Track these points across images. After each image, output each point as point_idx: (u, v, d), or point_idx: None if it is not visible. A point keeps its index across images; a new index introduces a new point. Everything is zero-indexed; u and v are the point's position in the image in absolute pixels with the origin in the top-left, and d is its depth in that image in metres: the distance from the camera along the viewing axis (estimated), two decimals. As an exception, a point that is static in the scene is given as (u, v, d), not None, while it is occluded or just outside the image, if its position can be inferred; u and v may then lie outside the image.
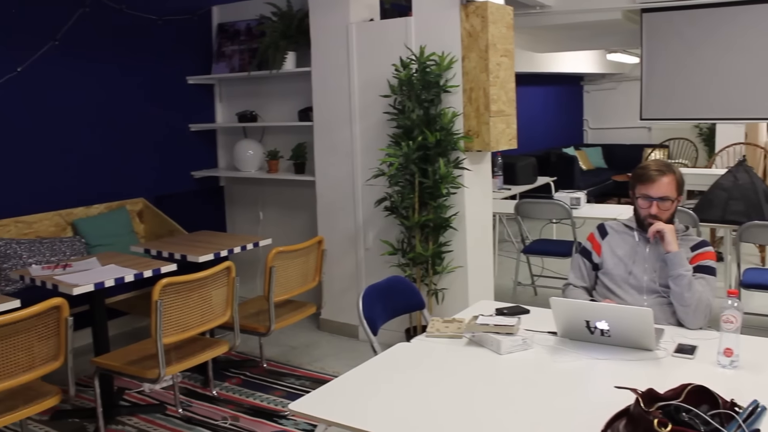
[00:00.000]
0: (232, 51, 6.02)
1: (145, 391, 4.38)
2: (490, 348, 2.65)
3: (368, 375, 2.47)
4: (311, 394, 2.33)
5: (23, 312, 2.86)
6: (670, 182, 3.02)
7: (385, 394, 2.29)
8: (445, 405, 2.20)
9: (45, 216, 5.00)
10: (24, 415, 3.01)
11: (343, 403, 2.26)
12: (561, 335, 2.72)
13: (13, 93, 4.86)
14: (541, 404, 2.18)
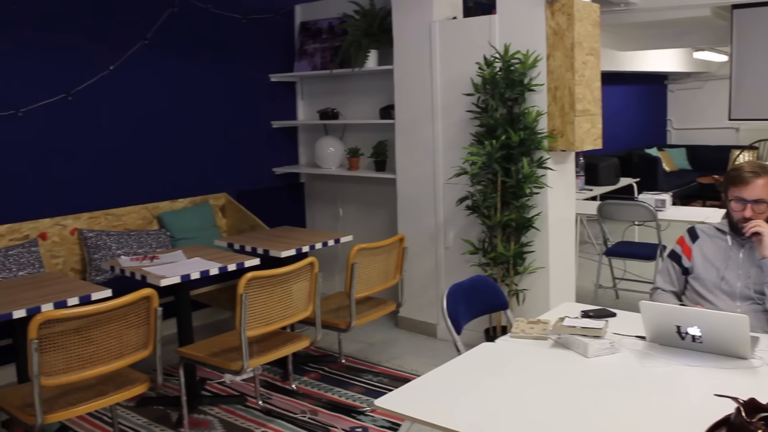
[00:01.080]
0: (314, 49, 6.07)
1: (226, 382, 4.46)
2: (577, 350, 2.60)
3: (453, 374, 2.46)
4: (397, 390, 2.33)
5: (116, 301, 2.94)
6: (765, 184, 2.91)
7: (471, 394, 2.28)
8: (533, 406, 2.17)
9: (133, 209, 5.15)
10: (114, 401, 3.10)
11: (429, 401, 2.25)
12: (650, 340, 2.65)
13: (105, 90, 5.01)
14: (632, 410, 2.13)
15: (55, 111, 4.76)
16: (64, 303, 3.27)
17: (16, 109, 4.59)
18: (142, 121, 5.24)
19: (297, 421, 3.90)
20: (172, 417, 4.01)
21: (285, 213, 6.20)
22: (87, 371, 2.93)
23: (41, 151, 4.72)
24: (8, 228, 4.52)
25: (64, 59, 4.79)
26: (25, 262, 4.36)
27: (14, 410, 2.99)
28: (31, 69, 4.64)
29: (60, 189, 4.82)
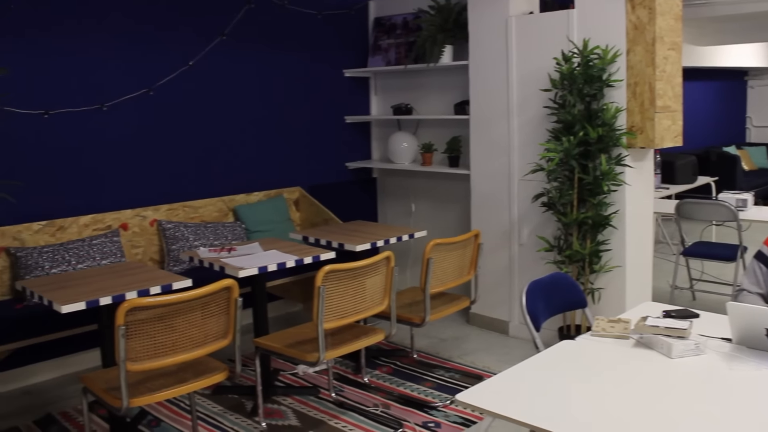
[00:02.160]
0: (388, 44, 6.08)
1: (299, 374, 4.51)
2: (660, 351, 2.55)
3: (533, 371, 2.44)
4: (478, 386, 2.32)
5: (199, 291, 3.00)
6: None
7: (553, 391, 2.25)
8: (615, 405, 2.14)
9: (209, 201, 5.25)
10: (195, 388, 3.16)
11: (510, 397, 2.23)
12: (737, 342, 2.58)
13: (185, 85, 5.12)
14: (719, 413, 2.08)
15: (137, 105, 4.89)
16: (147, 291, 3.35)
17: (102, 103, 4.73)
18: (219, 115, 5.34)
19: (369, 414, 3.93)
20: (246, 406, 4.08)
21: (357, 207, 6.24)
22: (170, 358, 3.01)
23: (123, 145, 4.85)
24: (92, 218, 4.67)
25: (147, 55, 4.91)
26: (108, 251, 4.49)
27: (101, 393, 3.08)
28: (116, 66, 4.78)
29: (141, 181, 4.95)
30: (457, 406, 3.99)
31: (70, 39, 4.56)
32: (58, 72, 4.53)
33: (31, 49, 4.42)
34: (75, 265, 4.31)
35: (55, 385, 4.51)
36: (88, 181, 4.70)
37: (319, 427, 3.79)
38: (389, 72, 6.17)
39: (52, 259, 4.26)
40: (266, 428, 3.79)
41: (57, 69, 4.53)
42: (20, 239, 4.38)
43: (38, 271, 4.20)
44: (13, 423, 3.99)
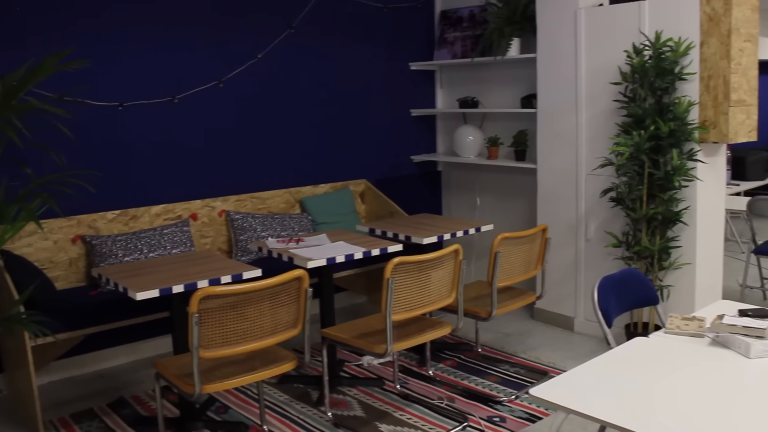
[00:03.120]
0: (454, 37, 6.06)
1: (363, 365, 4.54)
2: (737, 350, 2.49)
3: (606, 368, 2.41)
4: (551, 381, 2.30)
5: (271, 280, 3.04)
6: None
7: (627, 388, 2.22)
8: (690, 404, 2.10)
9: (276, 193, 5.31)
10: (265, 376, 3.21)
11: (584, 393, 2.21)
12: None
13: (253, 78, 5.19)
14: (804, 414, 2.03)
15: (207, 98, 4.97)
16: (218, 280, 3.41)
17: (173, 96, 4.82)
18: (286, 108, 5.39)
19: (434, 407, 3.93)
20: (312, 395, 4.13)
21: (422, 200, 6.25)
22: (241, 346, 3.06)
23: (193, 136, 4.94)
24: (163, 208, 4.77)
25: (217, 49, 4.99)
26: (178, 240, 4.58)
27: (173, 379, 3.15)
28: (187, 59, 4.86)
29: (210, 172, 5.03)
30: (522, 401, 3.97)
31: (143, 33, 4.66)
32: (131, 65, 4.64)
33: (105, 43, 4.53)
34: (147, 254, 4.41)
35: (126, 369, 4.63)
36: (159, 171, 4.81)
37: (385, 419, 3.81)
38: (455, 65, 6.15)
39: (125, 247, 4.37)
40: (332, 418, 3.83)
41: (130, 62, 4.63)
42: (95, 228, 4.50)
43: (112, 258, 4.32)
44: (88, 405, 4.11)
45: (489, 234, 5.89)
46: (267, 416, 3.87)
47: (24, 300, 3.48)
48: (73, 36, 4.39)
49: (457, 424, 3.72)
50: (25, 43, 4.23)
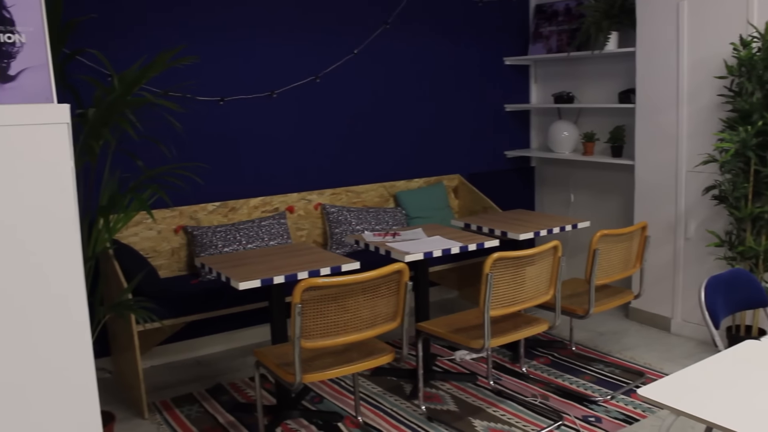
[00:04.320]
0: (549, 32, 5.98)
1: (456, 360, 4.54)
2: None
3: (715, 370, 2.34)
4: (659, 381, 2.25)
5: (373, 273, 3.07)
6: None
7: (738, 391, 2.16)
8: (814, 411, 2.02)
9: (371, 187, 5.36)
10: (363, 368, 3.24)
11: (694, 395, 2.16)
12: None
13: (349, 73, 5.24)
14: None
15: (304, 93, 5.05)
16: (317, 272, 3.47)
17: (272, 91, 4.92)
18: (381, 102, 5.43)
19: (528, 404, 3.90)
20: (405, 388, 4.15)
21: (515, 196, 6.19)
22: (341, 337, 3.10)
23: (291, 131, 5.03)
24: (261, 201, 4.87)
25: (314, 45, 5.06)
26: (275, 232, 4.67)
27: (273, 367, 3.22)
28: (285, 55, 4.95)
29: (306, 165, 5.12)
30: (618, 402, 3.90)
31: (243, 30, 4.77)
32: (231, 61, 4.75)
33: (207, 39, 4.65)
34: (245, 245, 4.52)
35: (223, 357, 4.76)
36: (257, 164, 4.91)
37: (478, 414, 3.80)
38: (550, 60, 6.07)
39: (224, 238, 4.49)
40: (426, 411, 3.85)
41: (231, 58, 4.75)
42: (196, 219, 4.64)
43: (212, 249, 4.44)
44: (188, 390, 4.24)
45: (583, 231, 5.80)
46: (361, 407, 3.91)
47: (133, 288, 3.61)
48: (177, 34, 4.53)
49: (551, 423, 3.68)
50: (134, 41, 4.38)
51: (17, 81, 2.23)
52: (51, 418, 1.84)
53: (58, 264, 1.83)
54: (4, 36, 2.20)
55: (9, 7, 2.26)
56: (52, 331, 1.83)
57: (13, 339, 1.78)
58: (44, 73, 2.29)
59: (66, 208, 1.83)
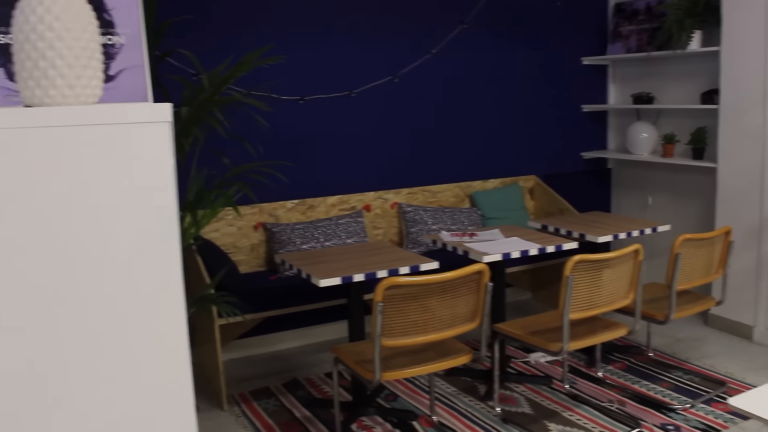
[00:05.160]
0: (629, 31, 5.88)
1: (531, 362, 4.52)
2: None
3: (811, 380, 2.28)
4: (750, 392, 2.21)
5: (454, 273, 3.08)
6: None
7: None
8: None
9: (447, 187, 5.37)
10: (441, 368, 3.26)
11: (789, 406, 2.11)
12: None
13: (427, 73, 5.26)
14: None
15: (382, 92, 5.09)
16: (396, 271, 3.49)
17: (350, 90, 4.97)
18: (457, 102, 5.43)
19: (604, 410, 3.85)
20: (479, 389, 4.15)
21: (590, 198, 6.12)
22: (421, 337, 3.12)
23: (369, 130, 5.07)
24: (339, 199, 4.93)
25: (392, 45, 5.09)
26: (352, 230, 4.72)
27: (352, 364, 3.26)
28: (364, 54, 4.99)
29: (383, 165, 5.15)
30: (698, 411, 3.82)
31: (322, 29, 4.83)
32: (311, 60, 4.82)
33: (288, 39, 4.72)
34: (323, 242, 4.57)
35: (299, 352, 4.83)
36: (335, 163, 4.97)
37: (554, 418, 3.78)
38: (629, 59, 5.97)
39: (302, 235, 4.55)
40: (500, 413, 3.84)
41: (310, 58, 4.81)
42: (275, 216, 4.72)
43: (290, 246, 4.51)
44: (265, 384, 4.32)
45: (661, 235, 5.69)
46: (436, 407, 3.93)
47: (216, 283, 3.69)
48: (257, 34, 4.61)
49: (628, 430, 3.63)
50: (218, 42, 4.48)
51: (116, 81, 2.31)
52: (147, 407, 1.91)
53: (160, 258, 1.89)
54: (104, 38, 2.28)
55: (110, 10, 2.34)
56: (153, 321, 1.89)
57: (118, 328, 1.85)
58: (141, 73, 2.36)
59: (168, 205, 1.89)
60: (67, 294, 1.78)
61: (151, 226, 1.86)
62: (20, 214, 1.73)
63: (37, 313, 1.75)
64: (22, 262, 1.74)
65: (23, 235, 1.74)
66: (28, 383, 1.75)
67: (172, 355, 1.92)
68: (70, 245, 1.78)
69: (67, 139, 1.78)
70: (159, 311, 1.89)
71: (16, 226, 1.73)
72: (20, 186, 1.73)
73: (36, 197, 1.75)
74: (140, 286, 1.85)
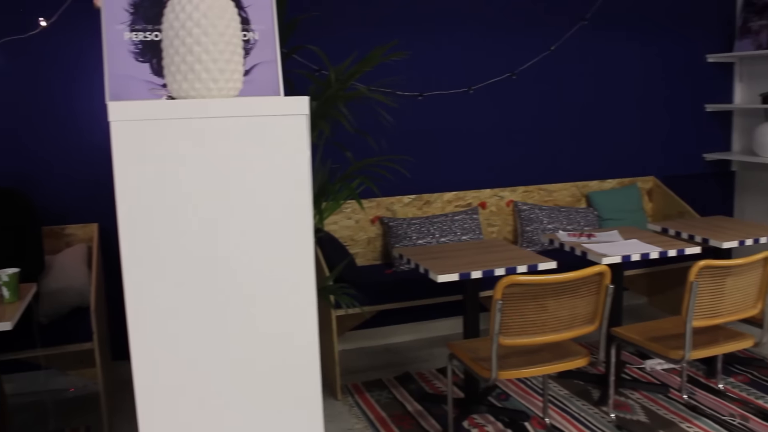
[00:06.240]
0: (759, 26, 5.64)
1: (646, 369, 4.41)
2: None
3: None
4: None
5: (575, 274, 3.04)
6: None
7: None
8: None
9: (563, 186, 5.29)
10: (558, 369, 3.22)
11: None
12: None
13: (546, 70, 5.20)
14: None
15: (500, 89, 5.06)
16: (514, 269, 3.48)
17: (469, 86, 4.96)
18: (575, 100, 5.34)
19: (725, 424, 3.72)
20: (592, 393, 4.08)
21: (712, 202, 5.91)
22: (539, 337, 3.09)
23: (486, 127, 5.06)
24: (455, 195, 4.94)
25: (511, 41, 5.05)
26: (468, 227, 4.72)
27: (468, 361, 3.27)
28: (482, 51, 4.98)
29: (500, 163, 5.13)
30: (828, 428, 3.64)
31: (441, 25, 4.84)
32: (430, 57, 4.84)
33: (408, 35, 4.76)
34: (438, 238, 4.60)
35: (411, 346, 4.87)
36: (452, 159, 4.98)
37: (670, 428, 3.67)
38: (759, 57, 5.72)
39: (418, 230, 4.59)
40: (615, 420, 3.76)
41: (430, 54, 4.84)
42: (392, 210, 4.78)
43: (406, 240, 4.55)
44: (377, 376, 4.39)
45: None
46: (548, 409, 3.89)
47: (336, 274, 3.77)
48: (377, 30, 4.67)
49: (752, 444, 3.51)
50: (340, 37, 4.57)
51: (251, 75, 2.39)
52: (277, 390, 1.98)
53: (295, 248, 1.95)
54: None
55: (245, 7, 2.43)
56: (287, 306, 1.96)
57: (255, 312, 1.93)
58: (273, 68, 2.44)
59: (303, 197, 1.95)
60: (221, 282, 1.87)
61: (290, 216, 1.93)
62: (173, 201, 1.83)
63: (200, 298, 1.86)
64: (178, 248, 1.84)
65: (178, 219, 1.84)
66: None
67: (303, 342, 1.98)
68: (218, 229, 1.87)
69: (212, 130, 1.86)
70: (292, 299, 1.96)
71: (172, 212, 1.83)
72: (164, 175, 1.83)
73: (180, 185, 1.84)
74: (277, 274, 1.93)
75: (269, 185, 1.90)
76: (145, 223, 1.80)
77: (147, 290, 1.82)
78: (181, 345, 1.86)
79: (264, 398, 1.97)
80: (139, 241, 1.80)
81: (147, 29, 2.33)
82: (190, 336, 1.87)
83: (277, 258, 1.92)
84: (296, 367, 1.98)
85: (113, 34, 2.30)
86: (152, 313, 1.83)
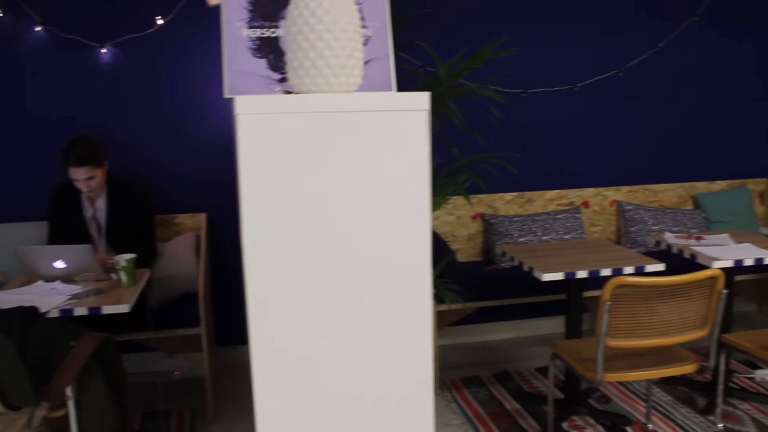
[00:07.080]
0: None
1: (756, 379, 4.26)
2: None
3: None
4: None
5: (687, 277, 2.97)
6: None
7: None
8: None
9: (669, 187, 5.16)
10: (665, 374, 3.15)
11: None
12: None
13: (654, 67, 5.07)
14: None
15: (606, 87, 4.97)
16: (621, 270, 3.41)
17: (573, 84, 4.89)
18: (684, 98, 5.19)
19: (842, 438, 3.57)
20: (698, 401, 3.96)
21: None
22: (647, 340, 3.03)
23: (590, 125, 4.98)
24: (557, 194, 4.88)
25: (618, 37, 4.95)
26: (570, 226, 4.66)
27: (572, 362, 3.23)
28: (587, 48, 4.90)
29: (604, 161, 5.04)
30: None
31: (546, 22, 4.78)
32: (534, 54, 4.79)
33: (514, 32, 4.72)
34: (540, 236, 4.56)
35: (510, 344, 4.85)
36: (555, 157, 4.92)
37: (782, 439, 3.55)
38: None
39: (520, 228, 4.56)
40: (723, 430, 3.65)
41: (534, 51, 4.79)
42: (494, 207, 4.76)
43: (507, 238, 4.53)
44: (475, 372, 4.38)
45: None
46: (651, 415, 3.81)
47: (440, 270, 3.79)
48: (483, 28, 4.65)
49: None
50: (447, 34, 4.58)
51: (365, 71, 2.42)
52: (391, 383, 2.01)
53: (414, 243, 1.98)
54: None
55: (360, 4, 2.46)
56: (405, 300, 1.99)
57: (375, 301, 1.96)
58: (386, 63, 2.47)
59: (423, 192, 1.97)
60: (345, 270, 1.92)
61: (410, 211, 1.95)
62: (295, 193, 1.88)
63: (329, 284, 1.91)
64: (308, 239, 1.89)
65: (300, 212, 1.89)
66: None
67: (419, 336, 2.01)
68: (339, 223, 1.91)
69: (335, 124, 1.90)
70: (409, 293, 1.98)
71: (294, 205, 1.88)
72: (287, 168, 1.88)
73: (302, 178, 1.89)
74: (396, 269, 1.96)
75: (390, 180, 1.93)
76: (267, 215, 1.86)
77: (268, 281, 1.88)
78: (301, 335, 1.91)
79: (378, 390, 2.00)
80: (261, 232, 1.86)
81: (264, 26, 2.40)
82: (309, 327, 1.92)
83: (396, 253, 1.95)
84: (410, 360, 2.00)
85: (233, 31, 2.38)
86: (273, 304, 1.89)
